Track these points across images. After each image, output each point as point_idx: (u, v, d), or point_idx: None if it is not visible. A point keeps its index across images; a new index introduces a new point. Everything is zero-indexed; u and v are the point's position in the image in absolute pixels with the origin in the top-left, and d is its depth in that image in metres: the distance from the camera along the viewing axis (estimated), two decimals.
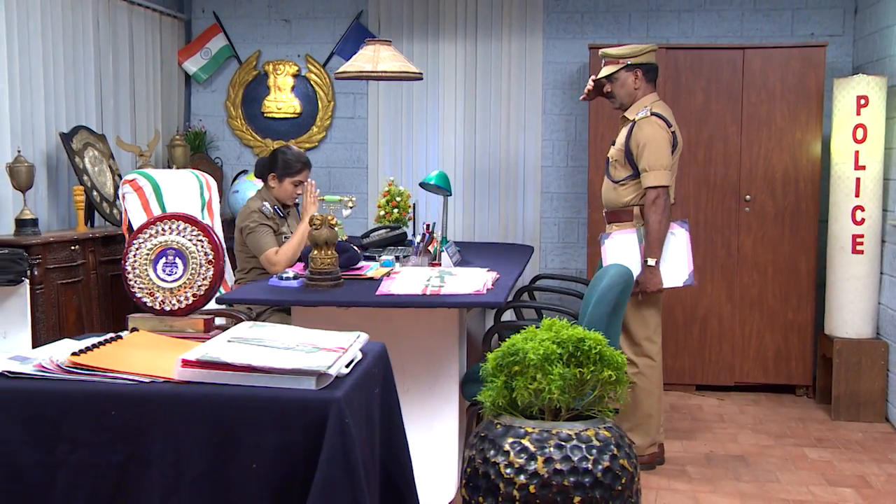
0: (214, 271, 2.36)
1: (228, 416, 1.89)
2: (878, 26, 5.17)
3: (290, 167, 4.43)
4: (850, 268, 4.92)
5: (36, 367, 1.98)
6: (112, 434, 1.91)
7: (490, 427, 2.17)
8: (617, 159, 4.12)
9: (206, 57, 6.25)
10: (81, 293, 4.34)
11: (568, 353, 2.10)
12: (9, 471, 1.92)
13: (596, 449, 2.06)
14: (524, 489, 2.01)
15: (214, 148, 6.32)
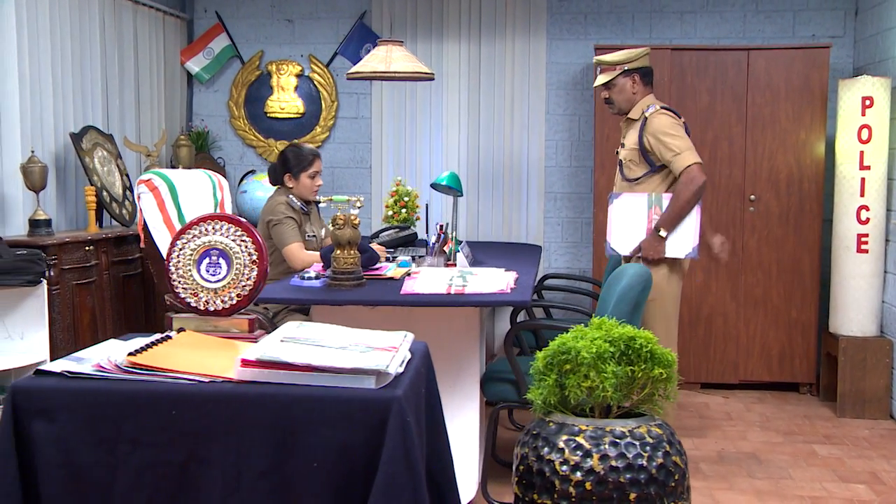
0: (258, 271, 2.37)
1: (289, 416, 1.91)
2: (880, 28, 5.25)
3: (303, 161, 4.45)
4: (854, 267, 4.99)
5: (95, 368, 1.99)
6: (173, 434, 1.92)
7: (542, 425, 2.20)
8: (631, 159, 4.14)
9: (208, 57, 6.25)
10: (95, 294, 4.34)
11: (619, 352, 2.14)
12: (70, 470, 1.93)
13: (649, 446, 2.10)
14: (580, 486, 2.04)
15: (217, 148, 6.31)
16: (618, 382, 2.09)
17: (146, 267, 4.77)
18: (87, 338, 4.27)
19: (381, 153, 6.14)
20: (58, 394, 1.94)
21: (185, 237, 2.39)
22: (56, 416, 1.93)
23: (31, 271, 3.74)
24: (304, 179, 4.45)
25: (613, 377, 2.08)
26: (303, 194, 4.49)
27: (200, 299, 2.38)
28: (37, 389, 1.95)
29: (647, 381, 2.14)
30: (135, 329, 4.68)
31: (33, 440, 1.93)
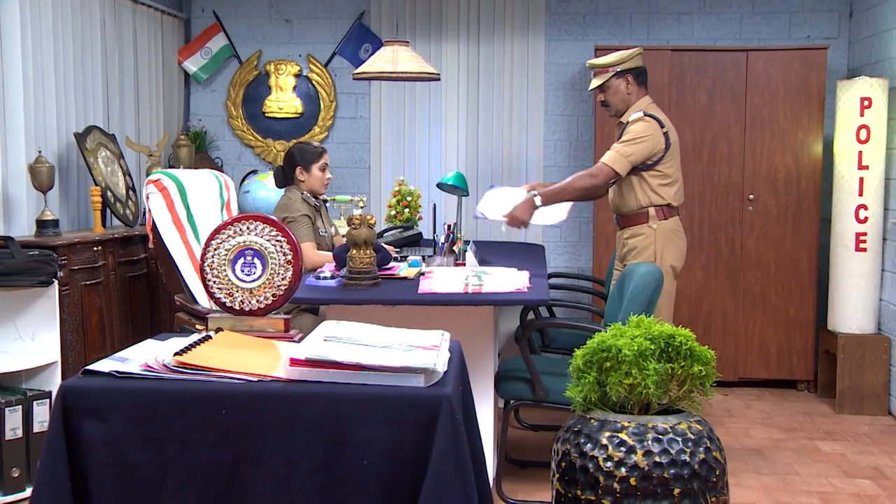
0: (293, 271, 2.39)
1: (340, 414, 1.93)
2: (875, 30, 5.33)
3: (312, 153, 4.51)
4: (853, 265, 5.07)
5: (143, 368, 2.00)
6: (223, 433, 1.94)
7: (584, 422, 2.23)
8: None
9: (206, 56, 6.23)
10: (103, 294, 4.32)
11: (659, 349, 2.18)
12: (120, 469, 1.94)
13: (691, 442, 2.14)
14: (625, 482, 2.08)
15: (214, 148, 6.31)
16: (658, 379, 2.13)
17: (151, 267, 4.76)
18: (96, 338, 4.27)
19: (379, 153, 6.16)
20: (107, 393, 1.95)
21: (219, 237, 2.40)
22: (106, 416, 1.94)
23: (43, 272, 3.73)
24: (315, 171, 4.48)
25: (655, 374, 2.12)
26: (314, 187, 4.51)
27: (235, 299, 2.39)
28: (86, 389, 1.96)
29: (686, 377, 2.18)
30: (140, 330, 4.67)
31: (83, 439, 1.94)
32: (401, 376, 1.95)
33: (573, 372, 2.29)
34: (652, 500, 2.08)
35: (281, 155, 6.23)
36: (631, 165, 4.03)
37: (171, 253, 4.15)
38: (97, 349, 4.28)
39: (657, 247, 4.08)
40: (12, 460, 3.72)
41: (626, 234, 4.19)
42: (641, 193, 4.10)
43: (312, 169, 4.49)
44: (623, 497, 2.08)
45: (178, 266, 4.15)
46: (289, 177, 4.52)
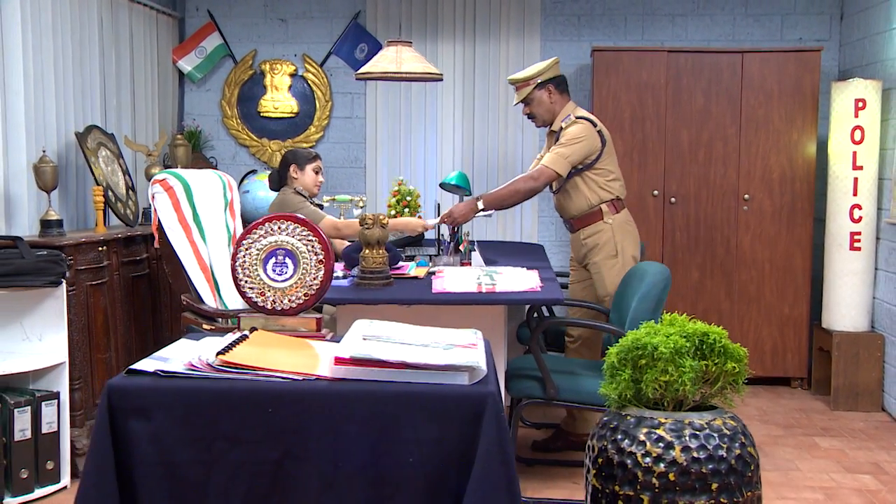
0: (325, 271, 2.41)
1: (386, 412, 1.95)
2: (867, 32, 5.42)
3: (307, 155, 4.63)
4: (847, 264, 5.16)
5: (187, 367, 2.01)
6: (269, 431, 1.96)
7: (620, 418, 2.27)
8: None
9: (200, 56, 6.22)
10: (107, 295, 4.31)
11: (693, 347, 2.22)
12: (167, 468, 1.95)
13: (727, 437, 2.19)
14: (663, 477, 2.12)
15: (209, 147, 6.29)
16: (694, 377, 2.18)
17: (153, 268, 4.75)
18: (101, 339, 4.25)
19: (375, 153, 6.18)
20: (153, 392, 1.96)
21: (251, 237, 2.42)
22: (152, 415, 1.95)
23: (53, 272, 3.71)
24: (308, 171, 4.58)
25: (691, 371, 2.16)
26: (307, 186, 4.56)
27: (267, 299, 2.41)
28: (132, 388, 1.97)
29: (719, 374, 2.23)
30: (143, 330, 4.66)
31: (129, 438, 1.95)
32: (445, 374, 1.98)
33: (607, 369, 2.33)
34: (690, 495, 2.13)
35: (277, 155, 6.24)
36: (570, 166, 4.17)
37: (177, 253, 4.13)
38: (102, 349, 4.27)
39: (616, 240, 4.24)
40: (21, 461, 3.71)
41: (583, 235, 4.33)
42: (591, 192, 4.25)
43: (307, 168, 4.58)
44: (662, 492, 2.13)
45: (185, 266, 4.14)
46: (283, 177, 4.58)
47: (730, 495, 2.14)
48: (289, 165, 4.54)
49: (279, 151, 6.25)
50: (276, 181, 4.62)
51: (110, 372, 4.34)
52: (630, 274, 3.95)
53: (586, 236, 4.31)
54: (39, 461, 3.79)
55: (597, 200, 4.26)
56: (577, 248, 4.40)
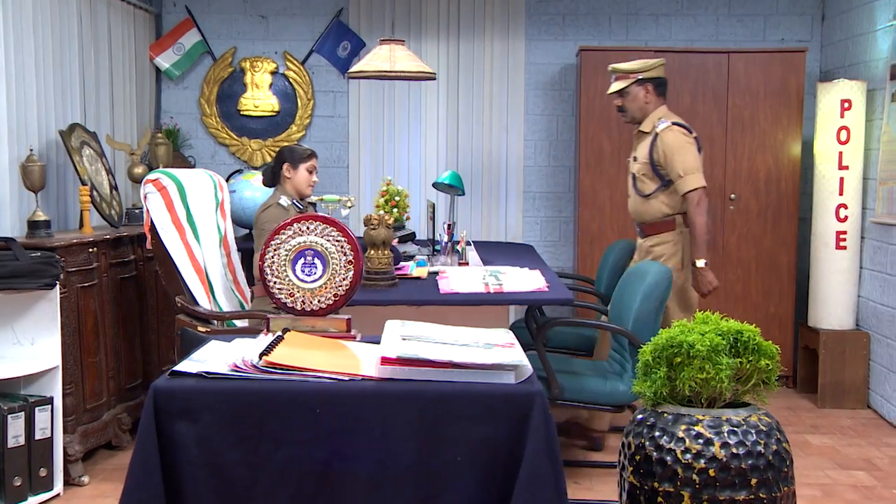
0: (355, 272, 2.43)
1: (433, 411, 1.99)
2: (850, 34, 5.57)
3: (301, 154, 4.57)
4: (833, 263, 5.30)
5: (231, 368, 2.03)
6: (316, 432, 1.98)
7: (657, 416, 2.34)
8: (644, 173, 4.33)
9: (178, 52, 6.18)
10: (97, 297, 4.28)
11: (728, 344, 2.29)
12: (213, 469, 1.97)
13: (764, 433, 2.26)
14: (703, 473, 2.19)
15: (188, 146, 6.26)
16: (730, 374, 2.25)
17: (140, 269, 4.72)
18: (91, 342, 4.22)
19: (358, 153, 6.20)
20: (199, 394, 1.98)
21: (279, 237, 2.44)
22: (198, 417, 1.96)
23: (47, 274, 3.68)
24: (302, 171, 4.53)
25: (728, 368, 2.23)
26: (299, 187, 4.53)
27: (297, 299, 2.43)
28: (178, 390, 1.98)
29: (752, 372, 2.30)
30: (132, 333, 4.63)
31: (175, 440, 1.96)
32: (492, 373, 2.02)
33: (641, 367, 2.40)
34: (731, 491, 2.20)
35: (258, 154, 6.23)
36: (701, 172, 4.21)
37: (171, 254, 4.12)
38: (92, 353, 4.24)
39: (683, 254, 4.28)
40: (14, 468, 3.67)
41: (651, 242, 4.34)
42: (670, 202, 4.25)
43: (300, 167, 4.53)
44: (703, 488, 2.19)
45: (179, 267, 4.13)
46: (276, 174, 4.55)
47: (768, 490, 2.22)
48: (283, 163, 4.53)
49: (260, 151, 6.24)
50: (270, 178, 4.60)
51: (100, 376, 4.32)
52: (630, 274, 4.02)
53: (654, 244, 4.33)
54: (32, 468, 3.75)
55: (672, 211, 4.27)
56: (642, 254, 4.40)
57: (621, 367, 3.94)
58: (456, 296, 3.44)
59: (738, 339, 2.31)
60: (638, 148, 4.40)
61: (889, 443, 4.66)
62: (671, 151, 4.18)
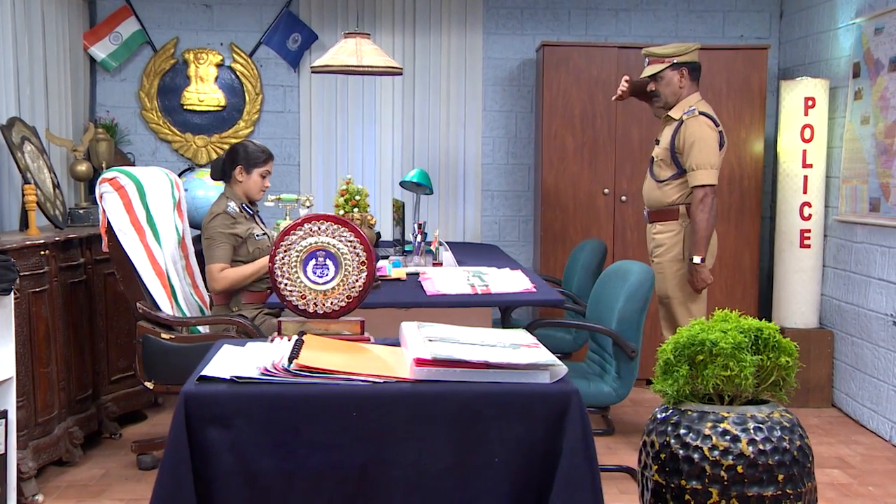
0: (367, 273, 2.50)
1: (470, 412, 2.07)
2: (809, 31, 5.84)
3: (256, 158, 4.50)
4: (797, 261, 5.55)
5: (262, 372, 2.07)
6: (352, 436, 2.04)
7: (680, 414, 2.46)
8: (662, 158, 4.49)
9: (116, 42, 6.11)
10: (48, 303, 4.22)
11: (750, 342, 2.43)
12: (247, 477, 2.01)
13: (787, 429, 2.40)
14: (731, 470, 2.32)
15: (126, 142, 6.18)
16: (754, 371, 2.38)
17: (89, 273, 4.67)
18: (43, 352, 4.16)
19: (310, 150, 6.22)
20: (232, 399, 2.01)
21: (290, 238, 2.48)
22: (231, 422, 2.00)
23: (4, 279, 3.62)
24: (255, 176, 4.49)
25: (751, 366, 2.36)
26: (250, 191, 4.51)
27: (309, 302, 2.48)
28: (210, 396, 2.02)
29: (773, 369, 2.44)
30: (82, 341, 4.57)
31: (207, 448, 2.00)
32: (528, 373, 2.11)
33: (661, 366, 2.51)
34: (758, 487, 2.33)
35: (202, 151, 6.20)
36: (717, 170, 4.36)
37: (131, 257, 4.11)
38: (44, 363, 4.18)
39: (686, 245, 4.43)
40: None
41: (655, 230, 4.54)
42: (680, 191, 4.41)
43: (253, 173, 4.48)
44: (731, 485, 2.32)
45: (139, 271, 4.12)
46: (227, 173, 4.51)
47: (794, 485, 2.36)
48: (235, 164, 4.46)
49: (205, 147, 6.21)
50: (219, 173, 4.54)
51: (52, 388, 4.26)
52: (609, 273, 4.16)
53: (657, 231, 4.51)
54: None
55: (679, 199, 4.42)
56: (649, 240, 4.62)
57: (601, 368, 4.07)
58: (443, 297, 3.52)
59: (759, 337, 2.45)
60: (663, 133, 4.54)
61: (858, 440, 4.90)
62: (691, 141, 4.32)
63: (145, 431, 4.91)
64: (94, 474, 4.30)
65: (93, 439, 4.66)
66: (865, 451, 4.72)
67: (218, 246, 4.28)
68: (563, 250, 5.82)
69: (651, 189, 4.56)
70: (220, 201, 4.47)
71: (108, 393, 4.85)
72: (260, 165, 4.52)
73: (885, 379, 4.90)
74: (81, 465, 4.40)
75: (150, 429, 4.98)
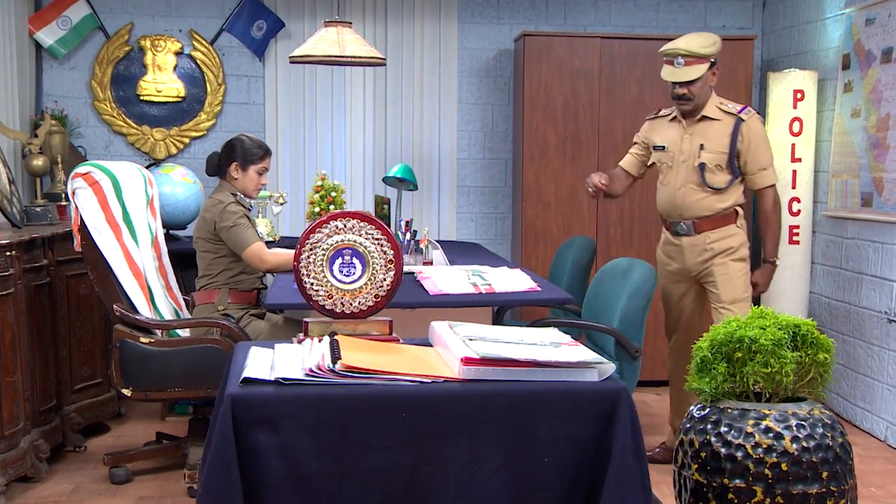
0: (395, 272, 2.58)
1: (521, 411, 2.17)
2: (794, 21, 6.05)
3: (253, 154, 4.57)
4: (786, 258, 5.73)
5: (306, 373, 2.14)
6: (402, 437, 2.13)
7: (719, 412, 2.58)
8: (717, 164, 4.30)
9: (64, 27, 6.07)
10: (13, 307, 4.21)
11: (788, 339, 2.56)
12: (296, 480, 2.08)
13: (829, 426, 2.55)
14: (776, 467, 2.45)
15: (77, 135, 6.15)
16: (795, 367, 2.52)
17: (52, 275, 4.66)
18: (9, 359, 4.15)
19: (276, 144, 6.25)
20: (280, 402, 2.08)
21: (315, 236, 2.55)
22: (279, 425, 2.07)
23: None
24: (251, 173, 4.56)
25: (793, 363, 2.50)
26: (246, 189, 4.58)
27: (336, 301, 2.55)
28: (256, 398, 2.08)
29: (810, 365, 2.58)
30: (46, 347, 4.56)
31: (255, 451, 2.07)
32: (577, 371, 2.21)
33: (696, 364, 2.64)
34: (803, 485, 2.47)
35: (160, 144, 6.20)
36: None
37: (106, 257, 4.12)
38: (10, 371, 4.16)
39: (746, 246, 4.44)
40: None
41: (713, 238, 4.35)
42: (735, 194, 4.36)
43: (250, 170, 4.55)
44: (775, 483, 2.45)
45: (115, 272, 4.13)
46: (223, 169, 4.57)
47: (837, 483, 2.51)
48: (232, 161, 4.54)
49: (164, 141, 6.21)
50: (214, 168, 4.60)
51: (18, 398, 4.24)
52: (607, 271, 4.28)
53: (717, 238, 4.34)
54: None
55: (736, 203, 4.37)
56: (697, 253, 4.39)
57: None
58: (448, 297, 3.61)
59: (797, 333, 2.59)
60: (705, 135, 4.33)
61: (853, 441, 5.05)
62: (758, 142, 4.31)
63: (111, 444, 4.91)
64: (62, 489, 4.30)
65: (56, 453, 4.64)
66: (862, 451, 4.92)
67: (246, 228, 4.37)
68: (544, 248, 5.95)
69: (700, 198, 4.33)
70: (222, 192, 4.53)
71: (72, 403, 4.84)
72: (256, 162, 4.58)
73: (880, 378, 5.11)
74: (47, 481, 4.39)
75: (115, 440, 4.98)
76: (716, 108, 4.36)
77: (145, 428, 5.13)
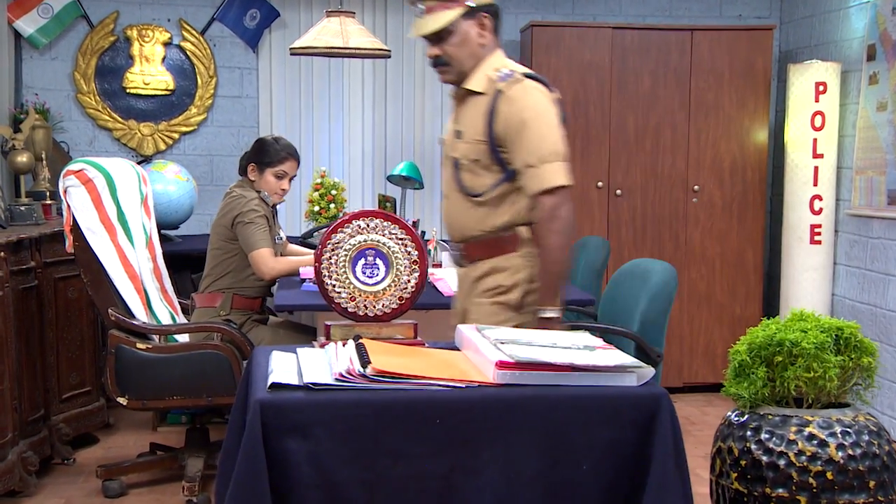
0: (420, 273, 2.63)
1: (558, 417, 2.21)
2: (815, 11, 6.12)
3: (271, 155, 4.52)
4: (807, 258, 5.81)
5: (336, 378, 2.18)
6: (436, 443, 2.17)
7: (760, 419, 2.63)
8: (475, 159, 3.02)
9: (45, 15, 6.08)
10: (1, 312, 4.23)
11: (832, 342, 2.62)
12: (327, 490, 2.13)
13: (875, 434, 2.60)
14: (820, 476, 2.50)
15: (59, 130, 6.16)
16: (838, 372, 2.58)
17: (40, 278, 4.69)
18: None
19: None
20: (310, 408, 2.13)
21: (337, 236, 2.60)
22: (310, 432, 2.12)
23: None
24: (268, 176, 4.52)
25: (836, 367, 2.56)
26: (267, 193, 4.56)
27: (359, 304, 2.60)
28: (286, 404, 2.13)
29: (854, 370, 2.64)
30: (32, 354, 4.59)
31: (284, 460, 2.11)
32: (615, 376, 2.26)
33: (734, 369, 2.69)
34: (849, 495, 2.52)
35: (148, 140, 6.23)
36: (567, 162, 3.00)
37: (101, 259, 4.15)
38: None
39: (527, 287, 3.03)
40: None
41: (480, 271, 3.08)
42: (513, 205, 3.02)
43: (266, 172, 4.52)
44: (820, 492, 2.51)
45: (110, 274, 4.17)
46: (243, 168, 4.61)
47: (885, 492, 2.56)
48: (250, 161, 4.54)
49: (152, 136, 6.24)
50: (241, 167, 4.65)
51: (5, 408, 4.27)
52: (625, 273, 4.33)
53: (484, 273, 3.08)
54: None
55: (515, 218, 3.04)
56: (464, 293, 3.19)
57: None
58: None
59: (839, 336, 2.64)
60: (462, 118, 3.14)
61: None
62: (521, 121, 2.92)
63: (101, 455, 4.94)
64: None
65: (43, 466, 4.67)
66: None
67: (261, 229, 4.37)
68: None
69: (460, 211, 3.09)
70: (243, 187, 4.53)
71: (60, 413, 4.87)
72: (274, 165, 4.51)
73: None
74: (36, 496, 4.42)
75: (105, 452, 5.01)
76: (486, 77, 3.05)
77: (136, 439, 5.16)
